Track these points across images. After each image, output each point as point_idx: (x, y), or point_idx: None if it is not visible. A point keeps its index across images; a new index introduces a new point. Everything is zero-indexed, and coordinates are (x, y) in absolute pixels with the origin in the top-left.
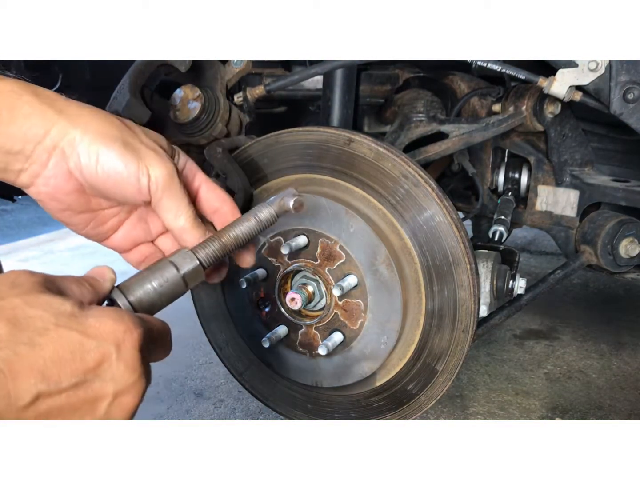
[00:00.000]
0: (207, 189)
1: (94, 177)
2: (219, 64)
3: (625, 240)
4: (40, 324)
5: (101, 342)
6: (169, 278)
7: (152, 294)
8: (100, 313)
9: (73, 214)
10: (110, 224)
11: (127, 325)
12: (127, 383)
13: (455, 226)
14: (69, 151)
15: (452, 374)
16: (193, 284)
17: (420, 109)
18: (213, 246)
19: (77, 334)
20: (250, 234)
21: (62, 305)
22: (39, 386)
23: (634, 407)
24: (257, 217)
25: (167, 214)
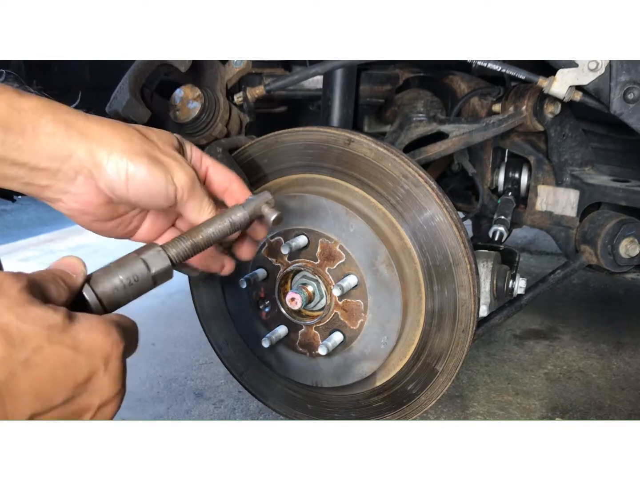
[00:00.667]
0: (214, 171)
1: (124, 193)
2: (219, 63)
3: (626, 240)
4: (34, 342)
5: (91, 357)
6: (139, 276)
7: (120, 291)
8: (89, 326)
9: (102, 223)
10: (135, 223)
11: (114, 339)
12: (110, 394)
13: (455, 226)
14: (97, 172)
15: (452, 374)
16: (161, 282)
17: (420, 109)
18: (184, 244)
19: (69, 351)
20: (222, 234)
21: (53, 319)
22: (34, 406)
23: (634, 407)
24: (230, 219)
25: (192, 214)
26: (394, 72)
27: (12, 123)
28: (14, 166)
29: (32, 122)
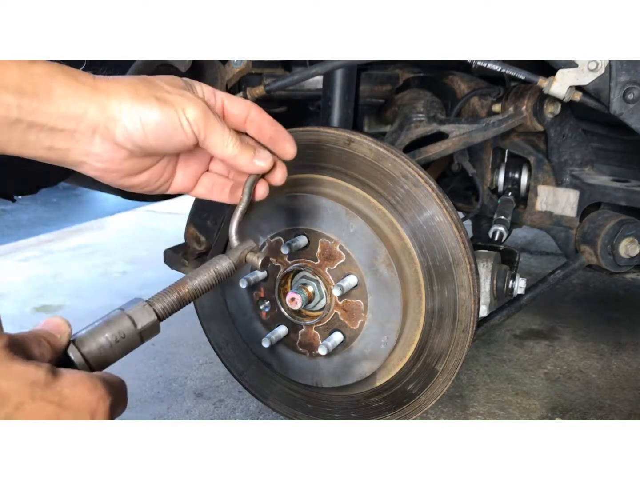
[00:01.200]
0: (230, 103)
1: (144, 140)
2: (219, 64)
3: (625, 240)
4: (16, 399)
5: (76, 413)
6: (126, 334)
7: (107, 349)
8: (73, 382)
9: (131, 177)
10: (167, 174)
11: (100, 394)
12: None
13: (455, 226)
14: (112, 125)
15: (452, 374)
16: (148, 338)
17: (420, 109)
18: (170, 298)
19: (52, 407)
20: (208, 286)
21: (36, 375)
22: None
23: (634, 407)
24: (215, 270)
25: (215, 148)
26: (394, 72)
27: (25, 87)
28: (33, 129)
29: (45, 85)
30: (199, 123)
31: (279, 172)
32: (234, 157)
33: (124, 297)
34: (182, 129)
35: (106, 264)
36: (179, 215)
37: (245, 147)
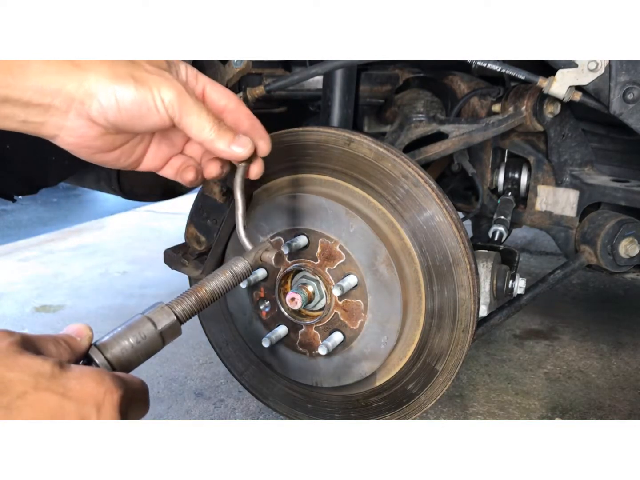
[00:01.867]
0: (212, 89)
1: (118, 117)
2: (219, 64)
3: (625, 240)
4: (19, 388)
5: (81, 404)
6: (147, 335)
7: (129, 351)
8: (80, 374)
9: (103, 154)
10: (139, 151)
11: (108, 386)
12: None
13: (455, 226)
14: (88, 101)
15: (452, 374)
16: (170, 340)
17: (420, 109)
18: (189, 301)
19: (56, 397)
20: (226, 288)
21: (42, 367)
22: None
23: (634, 407)
24: (232, 271)
25: (192, 130)
26: (393, 72)
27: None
28: (7, 103)
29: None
30: (174, 104)
31: (255, 166)
32: (210, 140)
33: (124, 297)
34: (156, 110)
35: (106, 264)
36: (179, 215)
37: (223, 132)
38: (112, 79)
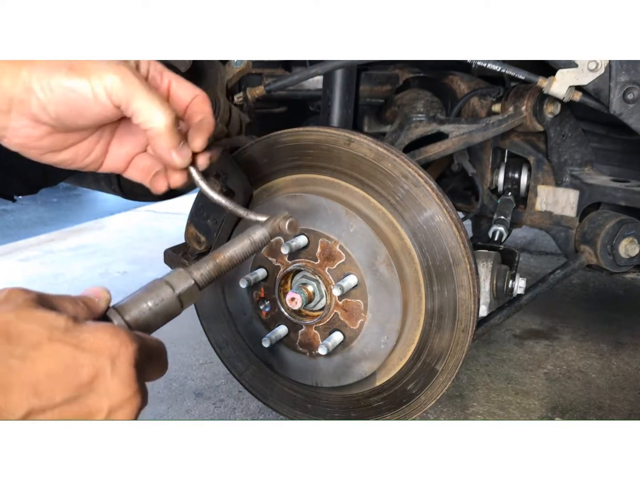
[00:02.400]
0: (177, 86)
1: (55, 110)
2: (219, 64)
3: (625, 240)
4: (33, 338)
5: (95, 356)
6: (165, 297)
7: (147, 314)
8: (95, 328)
9: (55, 154)
10: (99, 150)
11: (123, 339)
12: (121, 398)
13: (455, 226)
14: (27, 97)
15: (452, 374)
16: (188, 303)
17: (420, 109)
18: (208, 267)
19: (70, 348)
20: (244, 255)
21: (56, 320)
22: (32, 401)
23: (634, 407)
24: (251, 239)
25: (139, 116)
26: (393, 72)
27: None
28: None
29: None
30: (118, 90)
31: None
32: (158, 134)
33: (125, 297)
34: (96, 98)
35: (106, 264)
36: (179, 215)
37: (174, 132)
38: (47, 70)
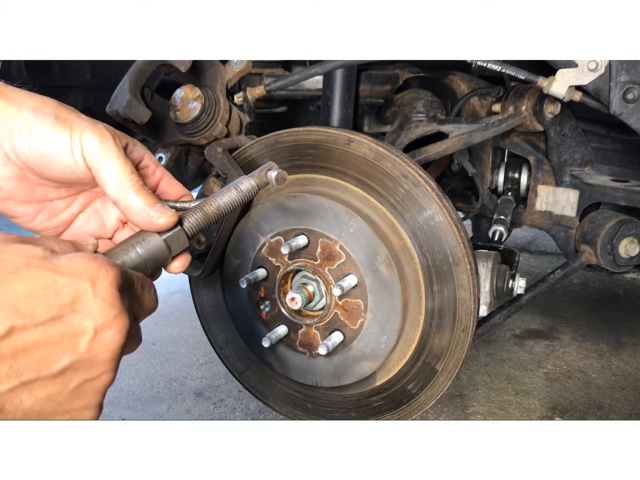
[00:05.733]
0: (167, 183)
1: (28, 156)
2: (219, 64)
3: (625, 240)
4: (10, 265)
5: (74, 278)
6: (151, 241)
7: (135, 258)
8: (72, 255)
9: (16, 203)
10: (62, 218)
11: (101, 263)
12: (106, 318)
13: (455, 226)
14: (4, 132)
15: (452, 374)
16: (177, 249)
17: (420, 109)
18: (195, 215)
19: (48, 272)
20: (232, 205)
21: (33, 250)
22: (13, 319)
23: (634, 407)
24: (238, 188)
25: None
26: (393, 72)
27: None
28: None
29: None
30: (94, 150)
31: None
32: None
33: None
34: (71, 153)
35: None
36: None
37: (145, 193)
38: (32, 114)
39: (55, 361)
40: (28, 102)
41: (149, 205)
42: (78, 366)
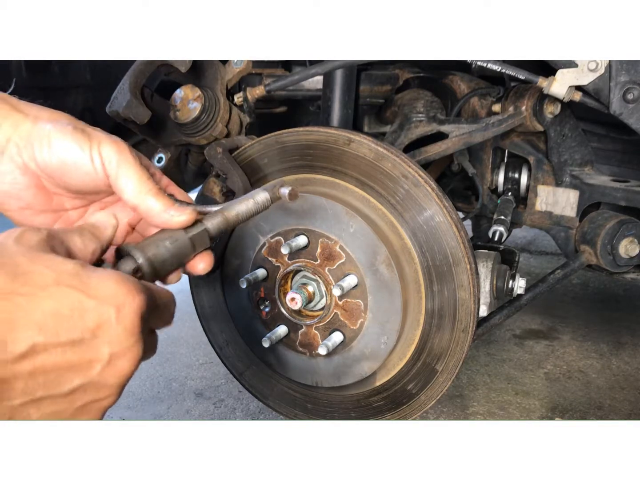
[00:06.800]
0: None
1: (48, 165)
2: (219, 64)
3: (625, 240)
4: (40, 280)
5: (101, 303)
6: (179, 238)
7: (163, 251)
8: (103, 275)
9: (34, 213)
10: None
11: (129, 289)
12: (123, 347)
13: (455, 226)
14: (23, 144)
15: (452, 374)
16: (199, 248)
17: (420, 109)
18: (217, 218)
19: (77, 293)
20: (248, 214)
21: (64, 265)
22: (36, 337)
23: (634, 407)
24: (255, 199)
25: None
26: (393, 72)
27: None
28: None
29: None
30: (112, 160)
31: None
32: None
33: None
34: (91, 161)
35: None
36: None
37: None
38: (51, 124)
39: (67, 382)
40: (43, 114)
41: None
42: (87, 388)
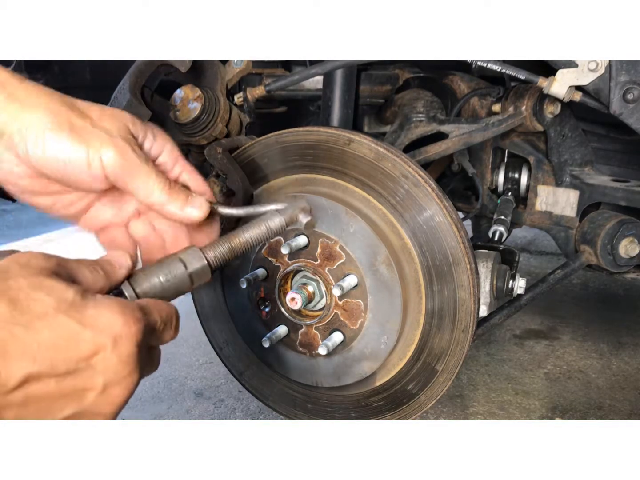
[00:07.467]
0: (188, 178)
1: (42, 165)
2: (219, 64)
3: (625, 240)
4: (39, 308)
5: (98, 333)
6: (176, 274)
7: (157, 288)
8: (101, 304)
9: (32, 195)
10: (79, 206)
11: (127, 318)
12: (117, 376)
13: (455, 226)
14: (17, 139)
15: (452, 374)
16: (198, 282)
17: (420, 109)
18: (222, 248)
19: (74, 323)
20: (259, 240)
21: (65, 292)
22: (30, 369)
23: (634, 407)
24: (267, 225)
25: (138, 194)
26: (393, 72)
27: None
28: None
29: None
30: (114, 166)
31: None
32: (161, 204)
33: None
34: (90, 170)
35: None
36: None
37: (175, 193)
38: (48, 123)
39: (59, 411)
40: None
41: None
42: (80, 416)
